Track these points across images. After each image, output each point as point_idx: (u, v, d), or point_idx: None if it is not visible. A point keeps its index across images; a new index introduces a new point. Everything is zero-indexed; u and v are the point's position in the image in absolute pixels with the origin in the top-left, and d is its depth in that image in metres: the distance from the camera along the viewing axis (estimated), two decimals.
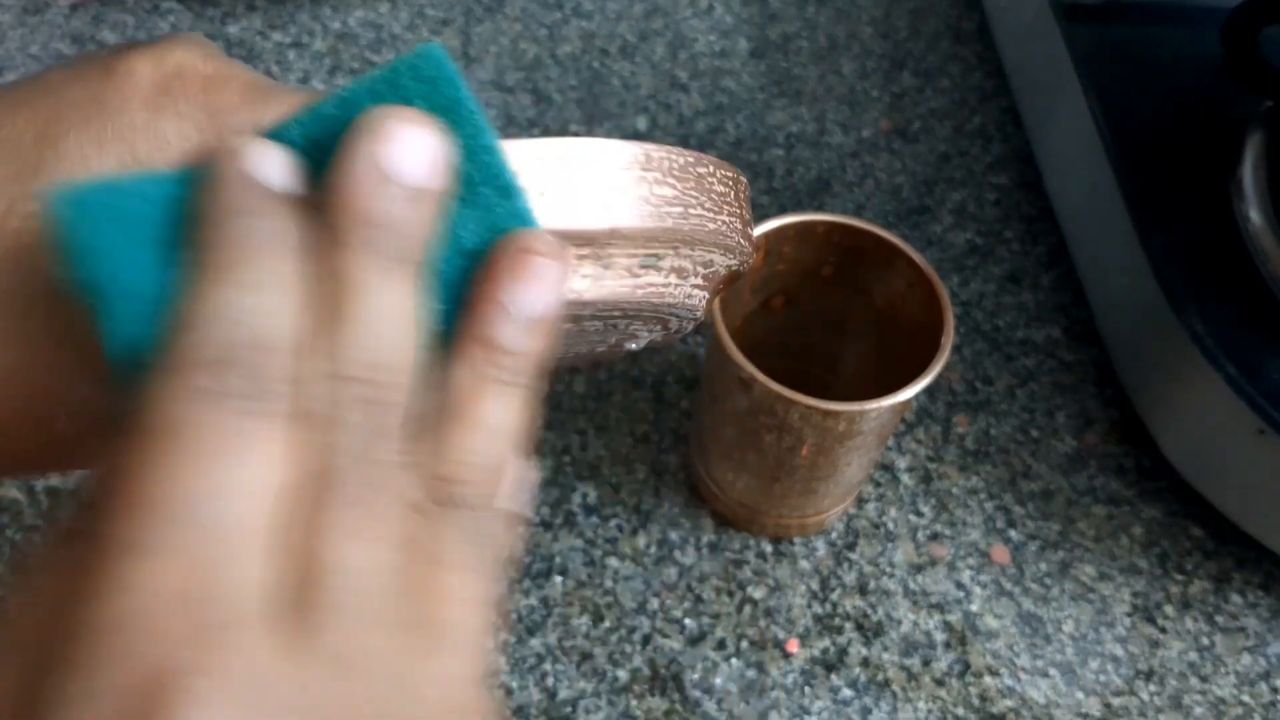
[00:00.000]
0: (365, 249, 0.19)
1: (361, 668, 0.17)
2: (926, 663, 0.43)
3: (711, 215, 0.24)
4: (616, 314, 0.24)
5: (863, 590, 0.44)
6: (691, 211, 0.23)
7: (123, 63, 0.21)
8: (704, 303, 0.25)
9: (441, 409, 0.20)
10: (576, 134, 0.57)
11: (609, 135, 0.57)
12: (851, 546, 0.45)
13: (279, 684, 0.16)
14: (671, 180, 0.23)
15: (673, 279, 0.24)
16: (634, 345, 0.27)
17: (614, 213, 0.22)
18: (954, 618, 0.44)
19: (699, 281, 0.24)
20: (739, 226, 0.25)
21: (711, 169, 0.24)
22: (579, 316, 0.23)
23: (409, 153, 0.19)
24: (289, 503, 0.17)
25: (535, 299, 0.20)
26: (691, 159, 0.23)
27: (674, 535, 0.45)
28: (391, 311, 0.19)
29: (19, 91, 0.21)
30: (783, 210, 0.54)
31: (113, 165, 0.21)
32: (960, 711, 0.42)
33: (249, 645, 0.16)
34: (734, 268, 0.26)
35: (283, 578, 0.17)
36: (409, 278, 0.20)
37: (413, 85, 0.21)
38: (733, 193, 0.25)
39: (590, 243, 0.22)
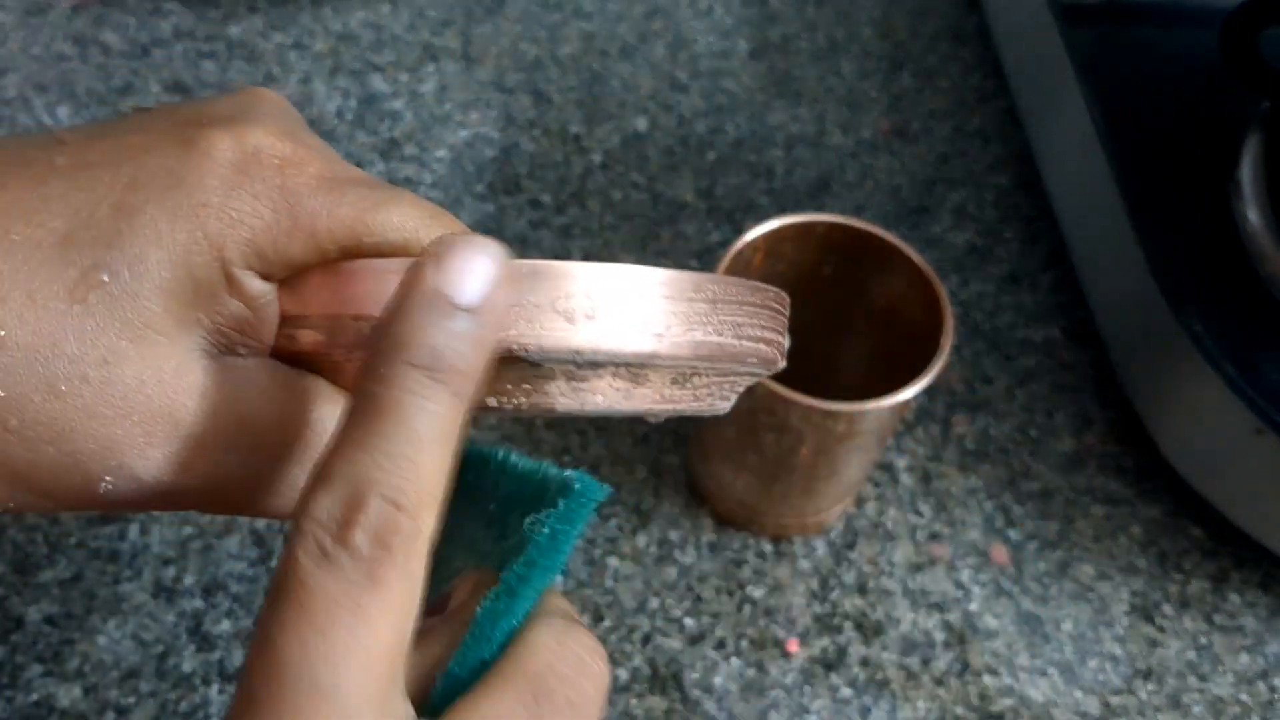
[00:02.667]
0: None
1: None
2: (926, 662, 0.43)
3: (751, 341, 0.24)
4: (642, 415, 0.25)
5: (862, 590, 0.44)
6: (728, 340, 0.24)
7: (203, 138, 0.22)
8: (729, 405, 0.26)
9: None
10: (576, 133, 0.57)
11: (609, 136, 0.57)
12: (851, 546, 0.45)
13: None
14: (717, 308, 0.24)
15: (701, 392, 0.25)
16: (653, 419, 0.28)
17: (655, 341, 0.23)
18: (953, 617, 0.44)
19: (725, 393, 0.26)
20: (776, 346, 0.25)
21: (758, 298, 0.25)
22: (607, 418, 0.25)
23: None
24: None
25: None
26: (741, 290, 0.24)
27: (674, 535, 0.45)
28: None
29: (98, 148, 0.22)
30: (783, 210, 0.54)
31: (183, 240, 0.21)
32: (960, 711, 0.42)
33: None
34: (764, 375, 0.26)
35: None
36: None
37: (552, 497, 0.24)
38: (775, 313, 0.25)
39: (629, 365, 0.23)
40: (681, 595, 0.44)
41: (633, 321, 0.23)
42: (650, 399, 0.24)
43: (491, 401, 0.23)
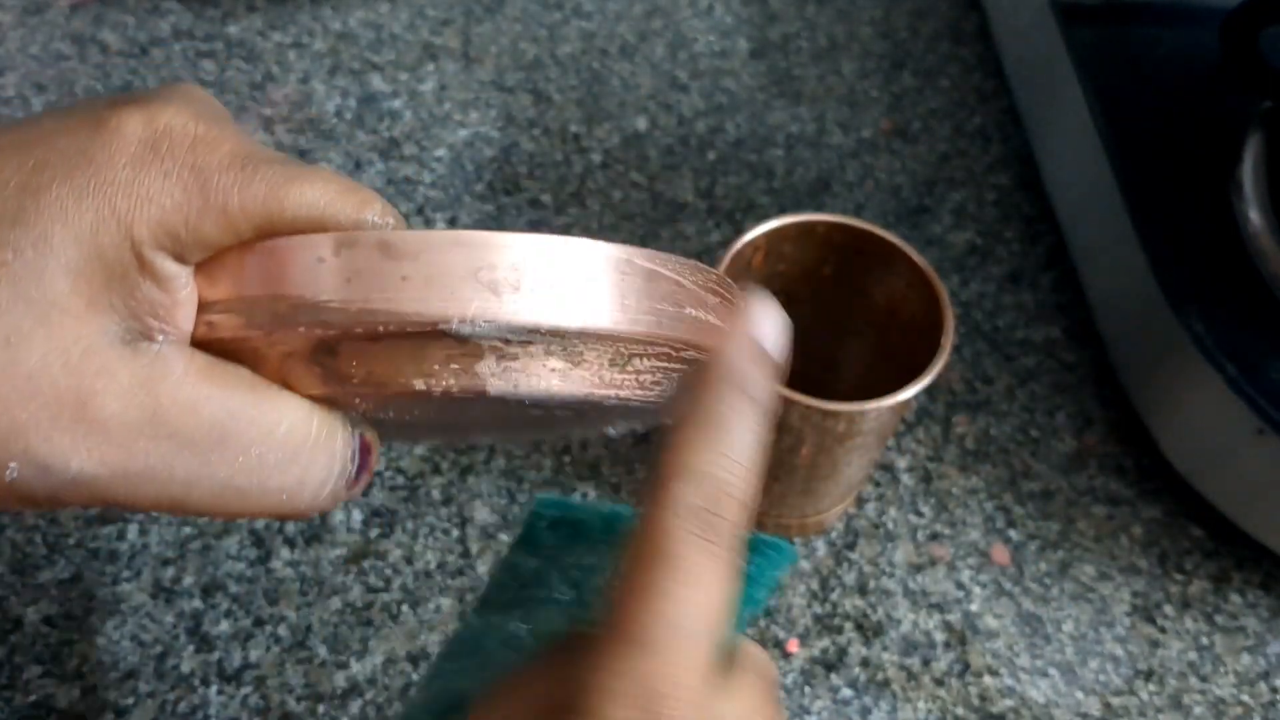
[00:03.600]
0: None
1: None
2: (926, 662, 0.43)
3: (690, 322, 0.24)
4: (586, 407, 0.24)
5: (862, 590, 0.44)
6: (664, 318, 0.23)
7: (114, 116, 0.21)
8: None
9: None
10: (576, 133, 0.57)
11: (609, 135, 0.57)
12: (851, 546, 0.45)
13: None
14: (651, 285, 0.23)
15: (645, 379, 0.24)
16: (613, 431, 0.28)
17: (586, 314, 0.22)
18: (954, 618, 0.44)
19: (672, 380, 0.25)
20: (717, 331, 0.25)
21: (698, 278, 0.24)
22: (548, 406, 0.24)
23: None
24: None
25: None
26: (680, 268, 0.24)
27: None
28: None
29: (12, 134, 0.21)
30: (783, 210, 0.54)
31: (90, 218, 0.21)
32: (960, 711, 0.42)
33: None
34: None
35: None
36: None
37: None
38: (719, 296, 0.25)
39: (561, 339, 0.22)
40: None
41: (561, 293, 0.22)
42: (589, 382, 0.23)
43: (419, 384, 0.22)
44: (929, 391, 0.49)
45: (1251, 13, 0.47)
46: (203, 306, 0.23)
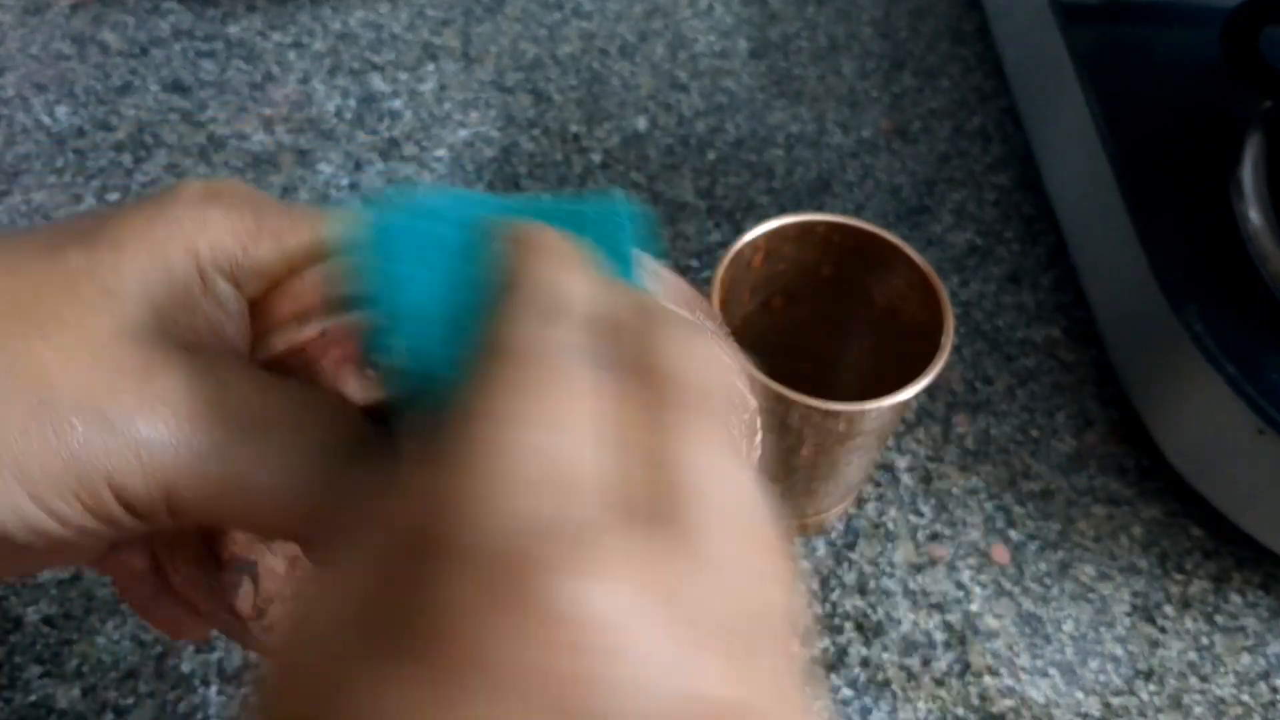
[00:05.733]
0: None
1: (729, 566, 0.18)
2: (926, 663, 0.43)
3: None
4: None
5: (863, 590, 0.44)
6: None
7: (176, 185, 0.25)
8: None
9: None
10: (576, 133, 0.57)
11: (609, 135, 0.57)
12: (851, 546, 0.45)
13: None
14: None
15: None
16: None
17: None
18: (954, 618, 0.44)
19: None
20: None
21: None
22: None
23: None
24: (619, 425, 0.19)
25: None
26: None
27: None
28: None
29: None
30: (783, 210, 0.54)
31: (160, 234, 0.23)
32: (960, 711, 0.42)
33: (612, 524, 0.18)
34: None
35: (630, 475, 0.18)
36: None
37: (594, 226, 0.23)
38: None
39: None
40: None
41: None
42: None
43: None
44: (929, 391, 0.49)
45: (1251, 13, 0.47)
46: (258, 334, 0.25)
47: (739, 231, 0.42)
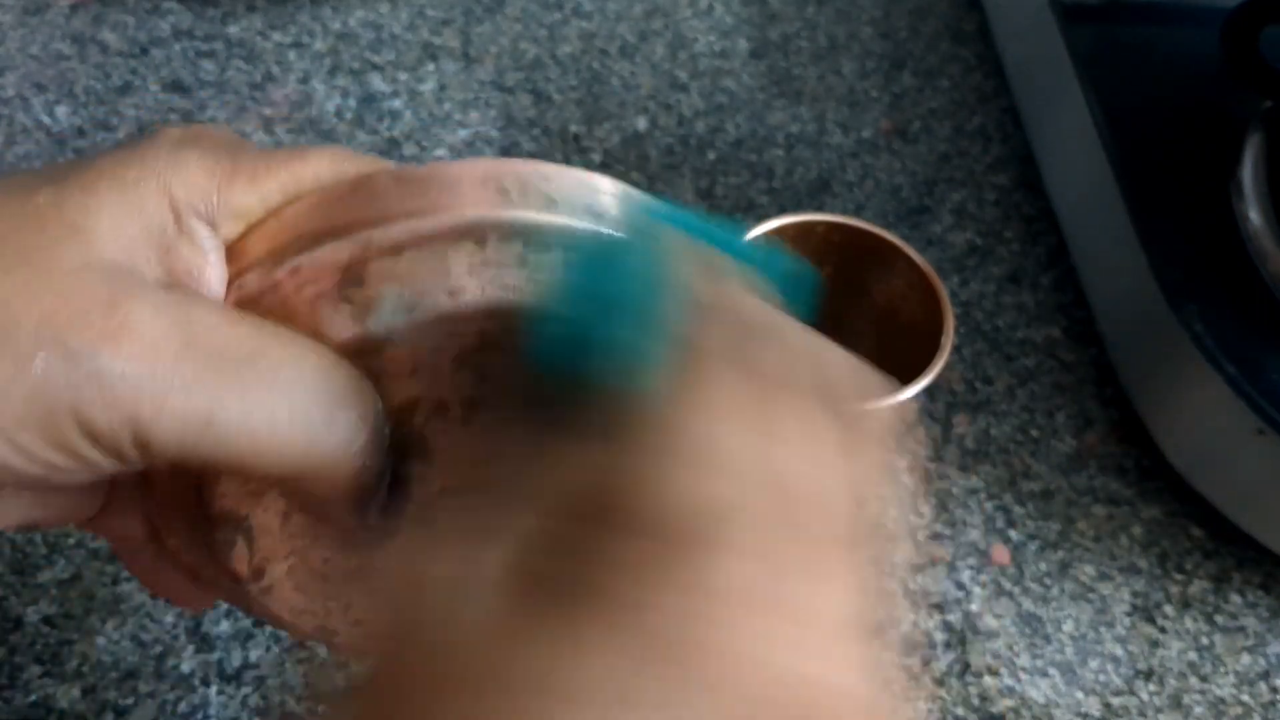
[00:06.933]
0: None
1: None
2: (926, 663, 0.43)
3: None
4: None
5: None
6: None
7: (155, 130, 0.25)
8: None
9: None
10: (576, 133, 0.57)
11: (609, 135, 0.57)
12: None
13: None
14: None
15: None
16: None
17: (590, 216, 0.25)
18: (954, 618, 0.44)
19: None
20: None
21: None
22: None
23: None
24: None
25: None
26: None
27: None
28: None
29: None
30: (783, 210, 0.54)
31: (134, 176, 0.23)
32: (960, 711, 0.42)
33: None
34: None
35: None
36: None
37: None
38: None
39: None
40: None
41: (564, 199, 0.24)
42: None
43: (446, 301, 0.23)
44: (929, 391, 0.49)
45: (1251, 13, 0.47)
46: (233, 277, 0.24)
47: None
